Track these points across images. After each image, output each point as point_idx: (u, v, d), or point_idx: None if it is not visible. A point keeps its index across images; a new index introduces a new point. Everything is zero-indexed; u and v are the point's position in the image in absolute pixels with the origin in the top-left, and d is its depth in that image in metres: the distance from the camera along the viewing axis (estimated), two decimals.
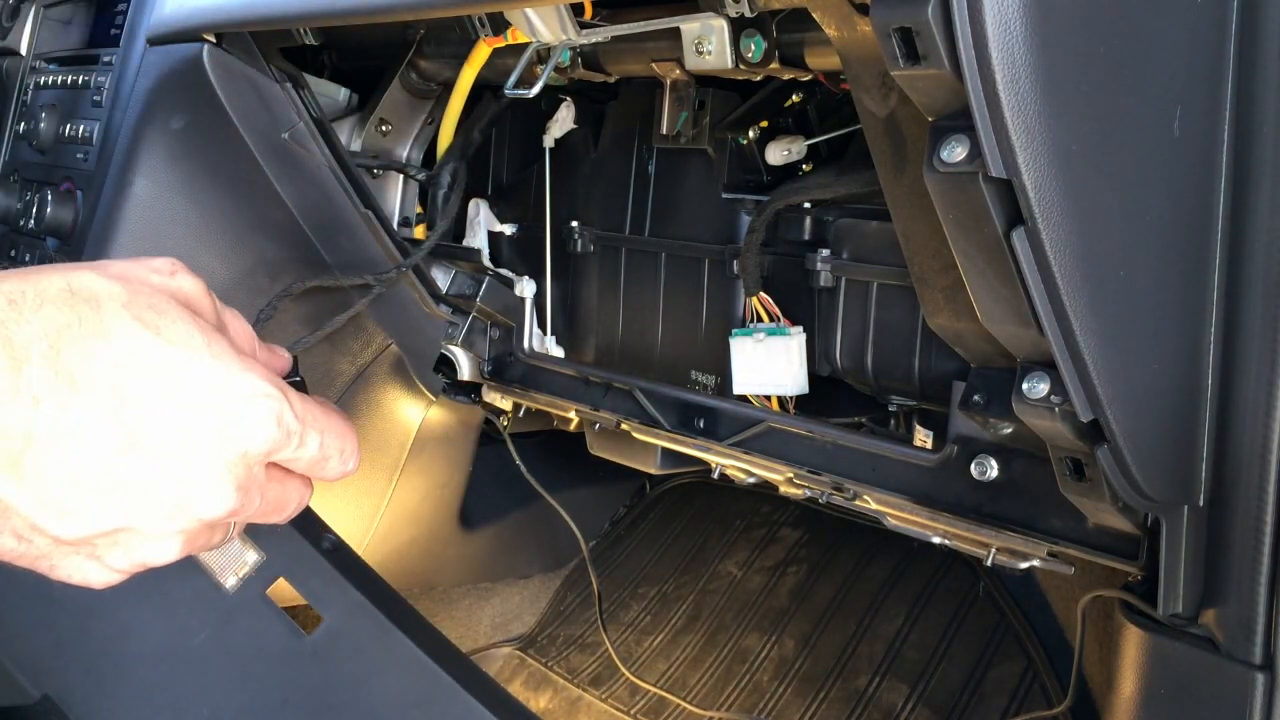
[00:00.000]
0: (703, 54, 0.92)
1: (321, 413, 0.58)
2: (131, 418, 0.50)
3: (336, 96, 1.35)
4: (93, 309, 0.50)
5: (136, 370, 0.50)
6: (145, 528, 0.52)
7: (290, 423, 0.55)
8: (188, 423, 0.51)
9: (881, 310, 1.01)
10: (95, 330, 0.50)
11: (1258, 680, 0.68)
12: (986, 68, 0.53)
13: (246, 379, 0.53)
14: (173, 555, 0.55)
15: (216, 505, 0.53)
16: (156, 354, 0.51)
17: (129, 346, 0.50)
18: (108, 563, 0.54)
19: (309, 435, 0.56)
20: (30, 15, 1.51)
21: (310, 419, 0.57)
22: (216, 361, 0.53)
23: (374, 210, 1.22)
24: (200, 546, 0.56)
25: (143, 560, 0.54)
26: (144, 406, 0.50)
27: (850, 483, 0.95)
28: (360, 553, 1.07)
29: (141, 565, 0.55)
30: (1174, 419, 0.67)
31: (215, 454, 0.52)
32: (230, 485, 0.53)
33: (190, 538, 0.54)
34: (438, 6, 0.81)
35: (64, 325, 0.49)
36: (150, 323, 0.52)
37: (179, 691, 0.91)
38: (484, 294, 1.28)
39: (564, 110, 1.28)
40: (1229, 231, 0.66)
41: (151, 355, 0.51)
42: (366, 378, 1.33)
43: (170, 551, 0.54)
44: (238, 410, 0.53)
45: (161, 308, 0.53)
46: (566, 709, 1.59)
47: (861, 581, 1.55)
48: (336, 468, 0.59)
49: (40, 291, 0.49)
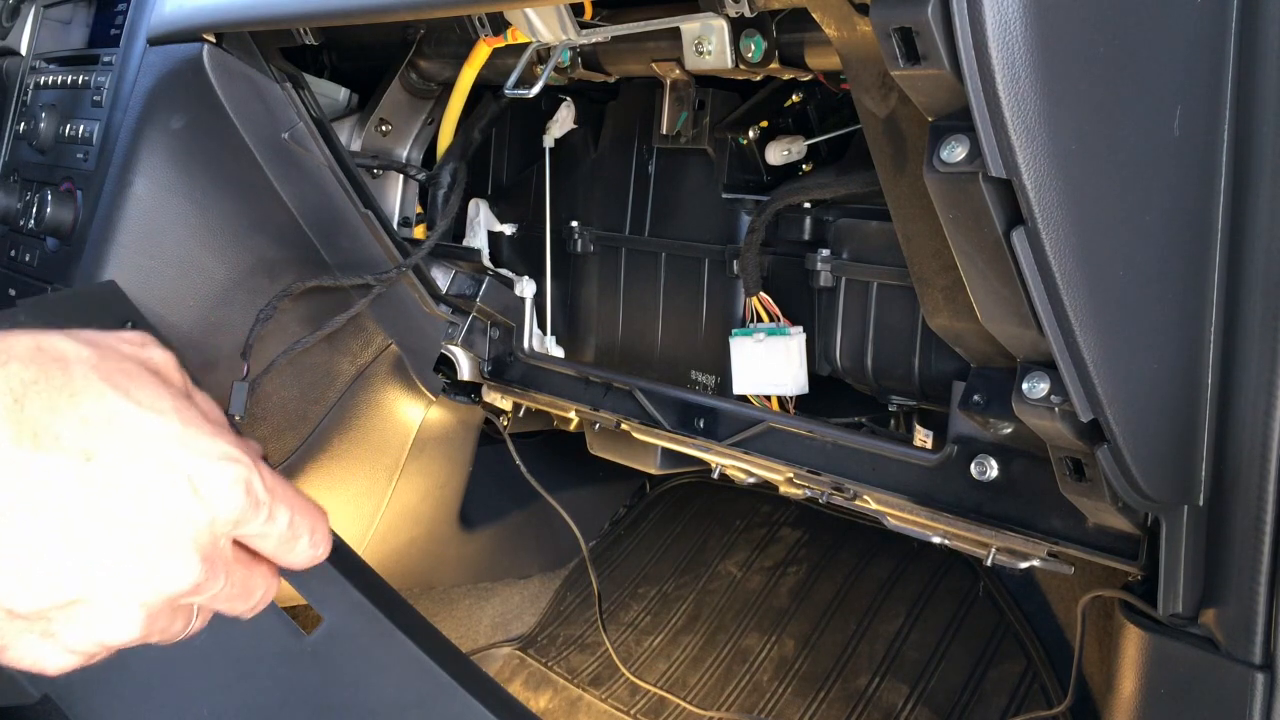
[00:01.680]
0: (703, 54, 0.92)
1: (292, 490, 0.56)
2: (96, 478, 0.48)
3: (336, 96, 1.35)
4: (60, 368, 0.49)
5: (103, 429, 0.49)
6: (105, 599, 0.50)
7: (259, 492, 0.53)
8: (154, 486, 0.50)
9: (881, 310, 1.01)
10: (62, 387, 0.48)
11: (1258, 680, 0.68)
12: (986, 68, 0.53)
13: (215, 444, 0.52)
14: (133, 633, 0.51)
15: (181, 576, 0.51)
16: (125, 414, 0.50)
17: (97, 405, 0.49)
18: (64, 641, 0.51)
19: (278, 509, 0.55)
20: (30, 15, 1.51)
21: (280, 492, 0.55)
22: (185, 426, 0.51)
23: (374, 210, 1.22)
24: (161, 630, 0.54)
25: (101, 639, 0.51)
26: (109, 467, 0.49)
27: (850, 483, 0.95)
28: (360, 553, 1.06)
29: (100, 645, 0.51)
30: (1174, 419, 0.67)
31: (182, 521, 0.50)
32: (194, 555, 0.51)
33: (152, 614, 0.52)
34: (438, 6, 0.81)
35: (29, 380, 0.48)
36: (119, 385, 0.50)
37: (179, 691, 0.91)
38: (484, 294, 1.28)
39: (564, 110, 1.28)
40: (1229, 231, 0.66)
41: (119, 416, 0.49)
42: (366, 378, 1.33)
43: (130, 628, 0.51)
44: (206, 475, 0.51)
45: (131, 372, 0.52)
46: (566, 709, 1.59)
47: (861, 581, 1.55)
48: (305, 550, 0.57)
49: (7, 348, 0.48)
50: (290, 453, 1.31)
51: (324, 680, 0.91)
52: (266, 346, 1.18)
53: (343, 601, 0.93)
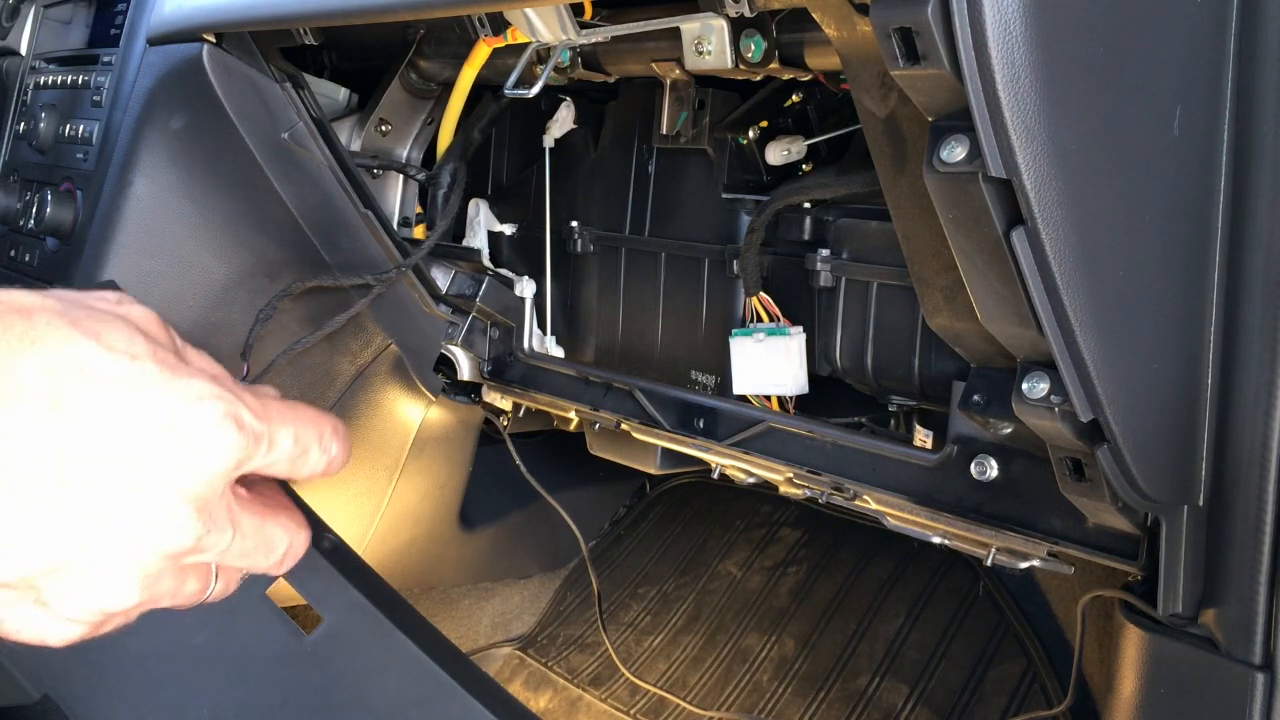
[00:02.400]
0: (703, 54, 0.92)
1: (286, 405, 0.52)
2: (69, 432, 0.44)
3: (336, 96, 1.35)
4: (22, 317, 0.44)
5: (72, 377, 0.44)
6: (93, 562, 0.45)
7: (252, 423, 0.48)
8: (132, 434, 0.45)
9: (881, 310, 1.01)
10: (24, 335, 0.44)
11: (1258, 680, 0.68)
12: (986, 68, 0.53)
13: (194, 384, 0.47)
14: (133, 598, 0.47)
15: (175, 533, 0.46)
16: (95, 360, 0.45)
17: (63, 352, 0.44)
18: (60, 610, 0.47)
19: (278, 432, 0.50)
20: (30, 15, 1.51)
21: (276, 415, 0.50)
22: (163, 369, 0.47)
23: (374, 210, 1.22)
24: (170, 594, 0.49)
25: (97, 605, 0.47)
26: (82, 418, 0.44)
27: (850, 483, 0.95)
28: (360, 553, 1.06)
29: (98, 612, 0.47)
30: (1174, 419, 0.67)
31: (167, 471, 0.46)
32: (187, 508, 0.46)
33: (150, 576, 0.47)
34: (438, 6, 0.81)
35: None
36: (88, 329, 0.45)
37: (179, 691, 0.91)
38: (484, 294, 1.28)
39: (564, 110, 1.28)
40: (1229, 231, 0.66)
41: (90, 362, 0.45)
42: (366, 378, 1.33)
43: (128, 593, 0.47)
44: (188, 418, 0.46)
45: (102, 318, 0.47)
46: (566, 709, 1.59)
47: (861, 581, 1.55)
48: (318, 459, 0.53)
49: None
50: None
51: (324, 680, 0.91)
52: (266, 346, 1.18)
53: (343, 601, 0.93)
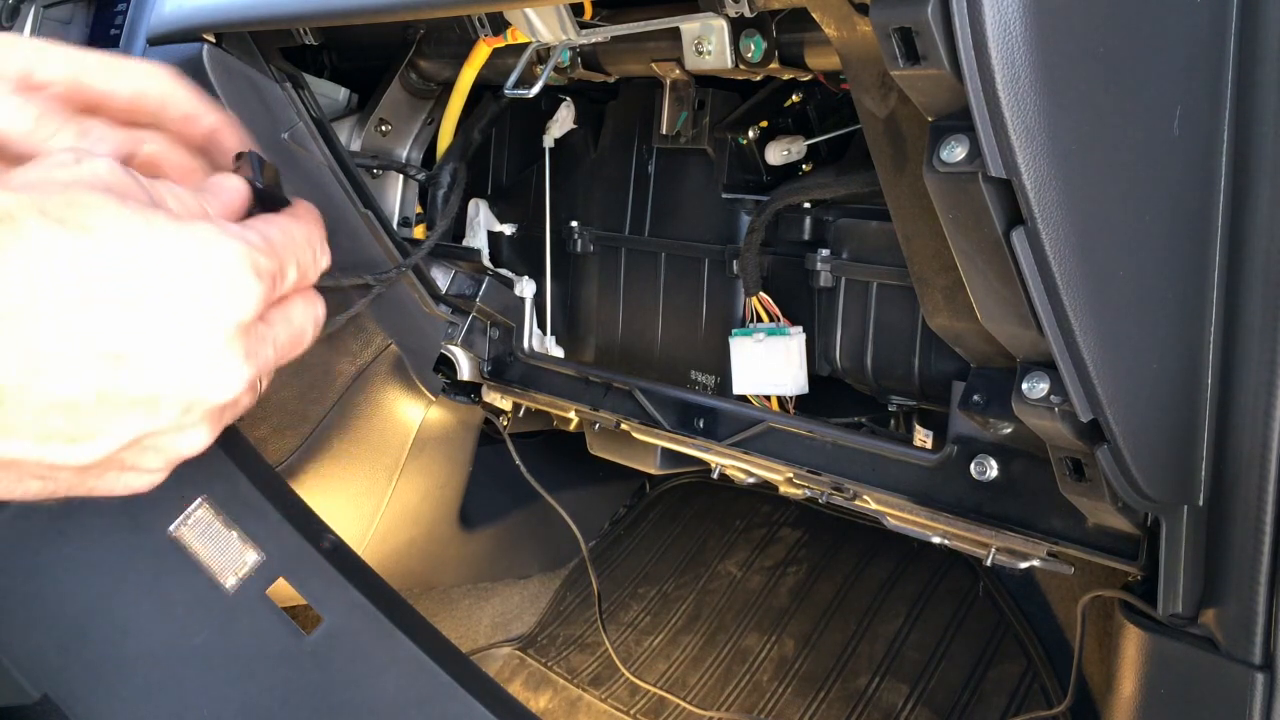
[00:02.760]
0: (703, 54, 0.92)
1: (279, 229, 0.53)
2: (100, 331, 0.45)
3: (336, 96, 1.34)
4: (7, 229, 0.44)
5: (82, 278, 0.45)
6: (164, 428, 0.49)
7: (266, 266, 0.50)
8: (167, 314, 0.47)
9: (881, 310, 1.01)
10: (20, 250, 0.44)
11: (1258, 680, 0.68)
12: (986, 68, 0.53)
13: (203, 243, 0.48)
14: (205, 442, 0.52)
15: (231, 384, 0.50)
16: (95, 254, 0.46)
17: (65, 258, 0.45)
18: (144, 467, 0.51)
19: (288, 265, 0.53)
20: (30, 15, 1.51)
21: (280, 246, 0.52)
22: (163, 236, 0.47)
23: (374, 210, 1.22)
24: (231, 417, 0.53)
25: (177, 455, 0.51)
26: (108, 315, 0.46)
27: (850, 483, 0.95)
28: (360, 553, 1.06)
29: (178, 459, 0.52)
30: (1174, 419, 0.67)
31: (209, 335, 0.48)
32: (237, 359, 0.49)
33: (216, 418, 0.51)
34: (438, 6, 0.81)
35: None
36: (75, 221, 0.46)
37: (179, 691, 0.91)
38: (484, 294, 1.28)
39: (564, 110, 1.28)
40: (1229, 231, 0.66)
41: (91, 256, 0.45)
42: (366, 378, 1.33)
43: (201, 440, 0.52)
44: (211, 280, 0.48)
45: (81, 201, 0.46)
46: (566, 709, 1.59)
47: (861, 581, 1.55)
48: (323, 265, 0.56)
49: None
50: (290, 453, 1.31)
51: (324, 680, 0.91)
52: None
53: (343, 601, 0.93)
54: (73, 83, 0.60)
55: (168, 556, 0.99)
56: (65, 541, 1.01)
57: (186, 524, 1.00)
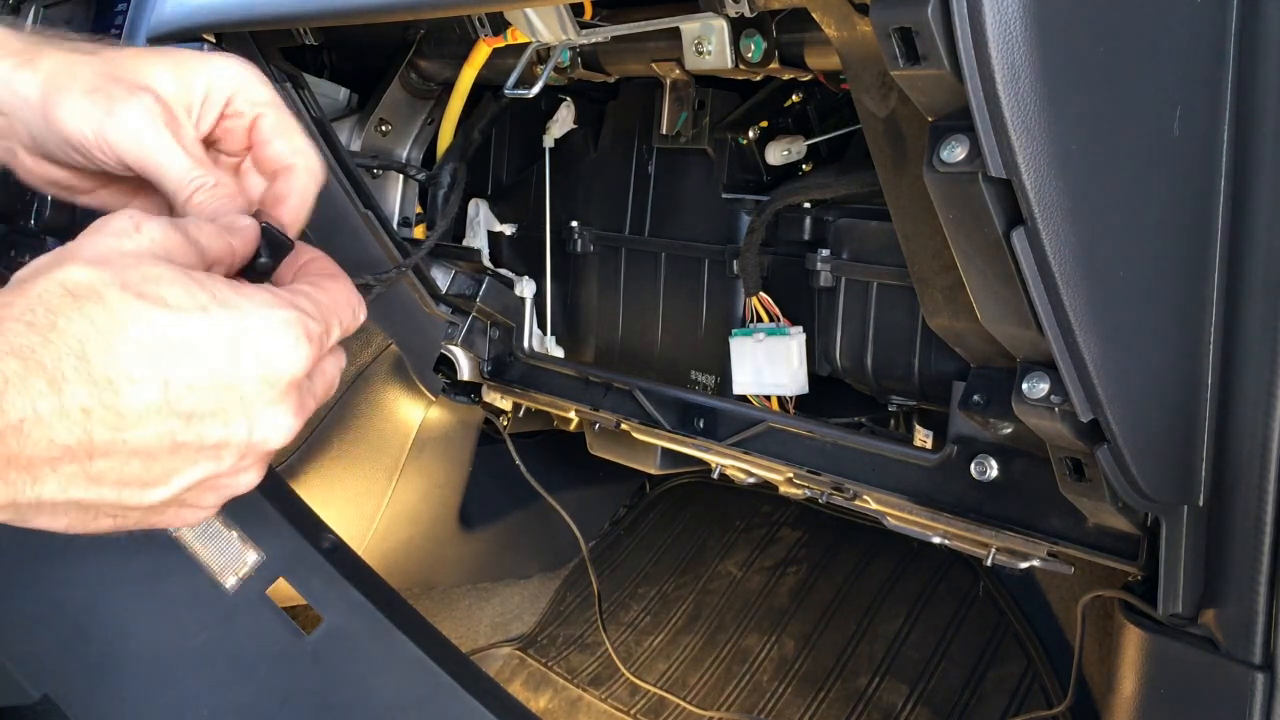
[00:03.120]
0: (703, 54, 0.92)
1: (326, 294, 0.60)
2: (178, 393, 0.52)
3: (336, 96, 1.34)
4: (97, 304, 0.51)
5: (162, 348, 0.52)
6: (225, 471, 0.56)
7: (315, 330, 0.57)
8: (233, 376, 0.54)
9: (881, 310, 1.01)
10: (110, 325, 0.51)
11: (1258, 680, 0.68)
12: (986, 68, 0.53)
13: (261, 314, 0.55)
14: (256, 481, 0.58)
15: (283, 434, 0.56)
16: (173, 326, 0.52)
17: (146, 330, 0.52)
18: (202, 505, 0.57)
19: (333, 326, 0.59)
20: (30, 15, 1.51)
21: (326, 309, 0.59)
22: (226, 309, 0.54)
23: (374, 210, 1.22)
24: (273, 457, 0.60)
25: (231, 493, 0.58)
26: (185, 381, 0.52)
27: (850, 483, 0.95)
28: (360, 553, 1.06)
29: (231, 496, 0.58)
30: (1174, 419, 0.67)
31: (266, 394, 0.55)
32: (289, 413, 0.56)
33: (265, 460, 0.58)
34: (438, 6, 0.81)
35: (83, 335, 0.50)
36: (152, 295, 0.52)
37: (179, 691, 0.91)
38: (484, 294, 1.28)
39: (564, 110, 1.28)
40: (1229, 231, 0.66)
41: (169, 329, 0.52)
42: (366, 378, 1.33)
43: (253, 480, 0.58)
44: (270, 345, 0.55)
45: (154, 275, 0.53)
46: (566, 709, 1.59)
47: (861, 581, 1.55)
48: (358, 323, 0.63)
49: (46, 305, 0.51)
50: (290, 453, 1.31)
51: (324, 680, 0.91)
52: None
53: (343, 601, 0.93)
54: None
55: (168, 556, 0.99)
56: (65, 542, 1.01)
57: None
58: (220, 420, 0.54)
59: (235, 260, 0.61)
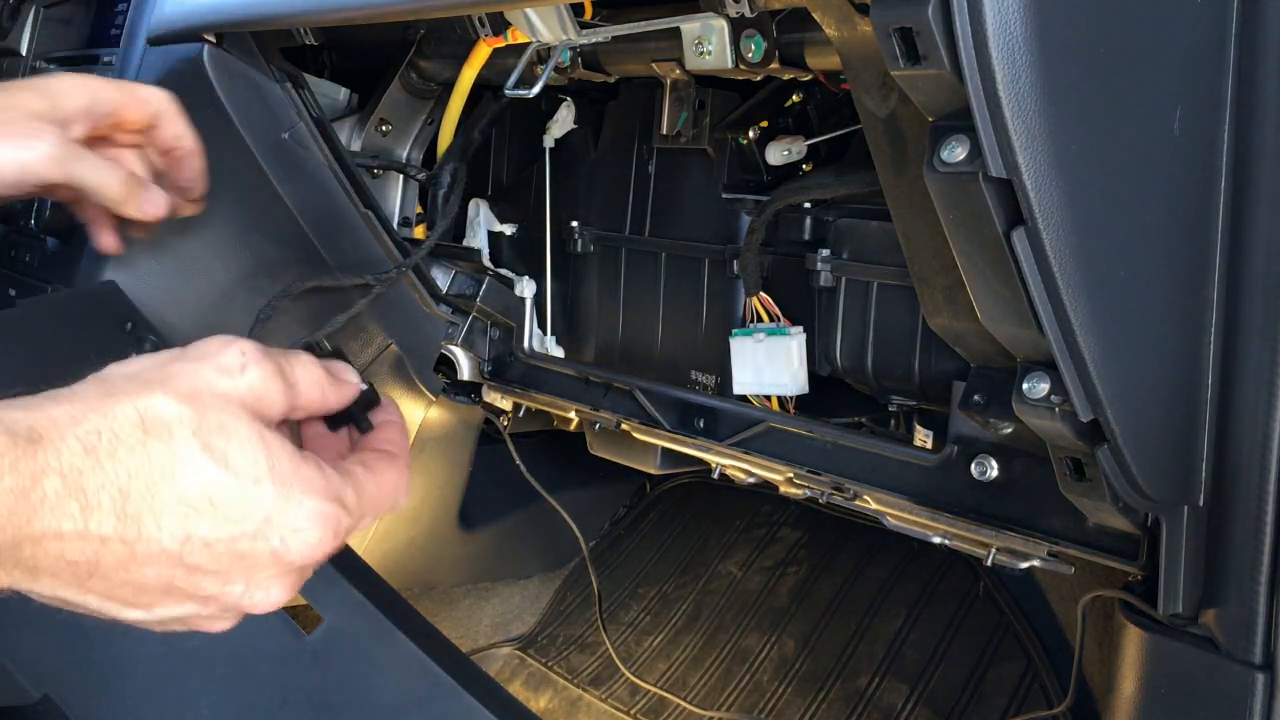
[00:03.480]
0: (703, 54, 0.92)
1: (376, 483, 0.61)
2: (194, 548, 0.53)
3: (336, 96, 1.34)
4: (163, 443, 0.52)
5: (200, 504, 0.53)
6: (206, 616, 0.58)
7: (345, 525, 0.58)
8: (247, 548, 0.54)
9: (881, 310, 1.01)
10: (164, 469, 0.52)
11: (1258, 680, 0.68)
12: (986, 68, 0.53)
13: (303, 501, 0.56)
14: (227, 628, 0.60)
15: (271, 605, 0.58)
16: (220, 487, 0.53)
17: (195, 483, 0.52)
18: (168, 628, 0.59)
19: (365, 519, 0.60)
20: (30, 15, 1.51)
21: (369, 502, 0.60)
22: (277, 487, 0.55)
23: (374, 210, 1.22)
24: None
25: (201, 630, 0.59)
26: (205, 539, 0.53)
27: (850, 483, 0.95)
28: (360, 553, 1.06)
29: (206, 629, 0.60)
30: (1174, 419, 0.67)
31: (271, 569, 0.56)
32: (284, 590, 0.57)
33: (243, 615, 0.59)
34: (438, 6, 0.81)
35: (134, 470, 0.51)
36: (218, 450, 0.53)
37: (179, 691, 0.91)
38: (484, 294, 1.28)
39: (564, 110, 1.28)
40: (1229, 231, 0.66)
41: (216, 489, 0.53)
42: (366, 377, 1.33)
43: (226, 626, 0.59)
44: (295, 535, 0.55)
45: (230, 429, 0.54)
46: (566, 709, 1.59)
47: (861, 581, 1.55)
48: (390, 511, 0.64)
49: (115, 431, 0.51)
50: None
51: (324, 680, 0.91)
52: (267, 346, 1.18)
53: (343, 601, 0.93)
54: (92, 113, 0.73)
55: None
56: None
57: None
58: (220, 579, 0.55)
59: (323, 410, 0.63)
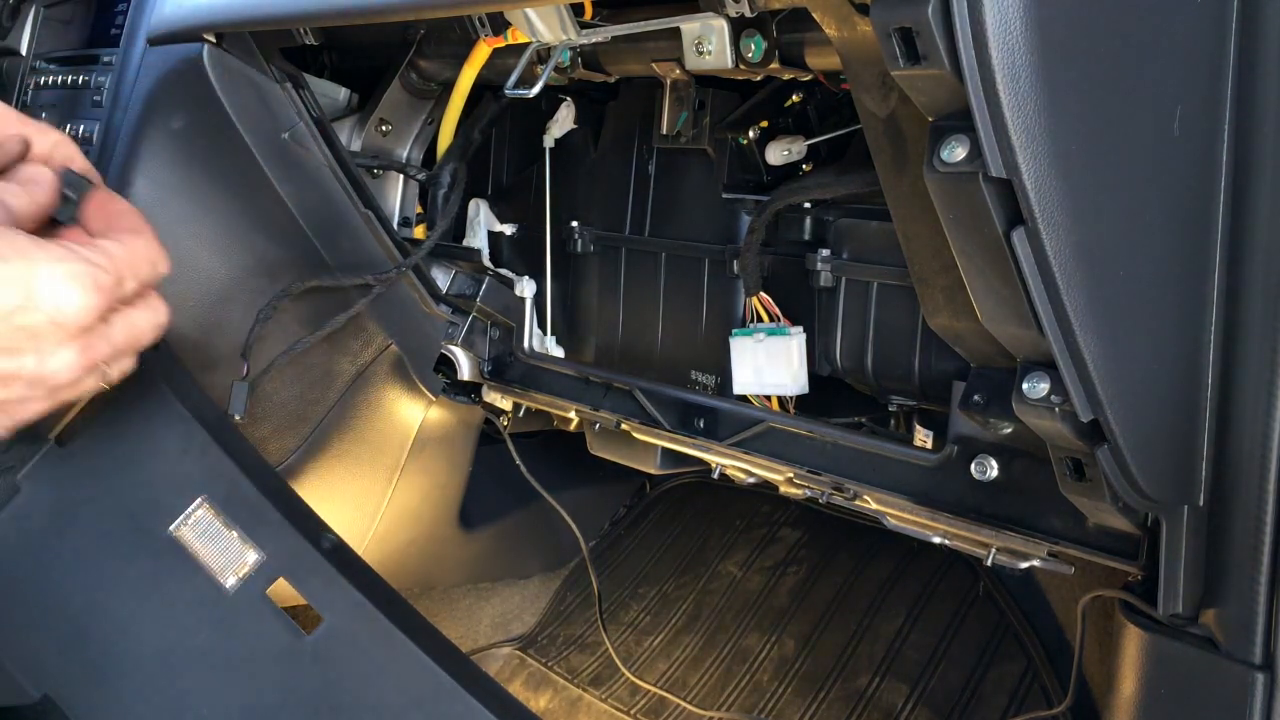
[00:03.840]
0: (703, 54, 0.92)
1: (123, 248, 0.66)
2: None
3: (336, 96, 1.34)
4: None
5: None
6: (14, 399, 0.63)
7: (105, 281, 0.63)
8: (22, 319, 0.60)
9: (881, 310, 1.01)
10: None
11: (1258, 680, 0.68)
12: (986, 68, 0.53)
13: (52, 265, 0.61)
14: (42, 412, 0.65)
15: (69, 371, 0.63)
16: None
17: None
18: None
19: (126, 278, 0.65)
20: (30, 15, 1.51)
21: (120, 263, 0.65)
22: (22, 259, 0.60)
23: (374, 210, 1.22)
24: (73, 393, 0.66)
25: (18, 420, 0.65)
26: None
27: (850, 483, 0.95)
28: (360, 553, 1.06)
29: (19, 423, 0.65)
30: (1174, 419, 0.67)
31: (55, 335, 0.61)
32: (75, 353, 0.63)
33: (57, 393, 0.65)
34: (438, 6, 0.81)
35: None
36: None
37: (179, 691, 0.91)
38: (484, 294, 1.28)
39: (564, 110, 1.28)
40: (1229, 231, 0.66)
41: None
42: (366, 378, 1.33)
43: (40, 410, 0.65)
44: (58, 295, 0.61)
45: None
46: (566, 709, 1.59)
47: (861, 581, 1.55)
48: (158, 274, 0.69)
49: None
50: (290, 453, 1.31)
51: (324, 680, 0.91)
52: (266, 346, 1.18)
53: (343, 601, 0.93)
54: None
55: (168, 556, 0.99)
56: (65, 541, 1.01)
57: (187, 524, 1.00)
58: (10, 355, 0.61)
59: (43, 210, 0.68)
